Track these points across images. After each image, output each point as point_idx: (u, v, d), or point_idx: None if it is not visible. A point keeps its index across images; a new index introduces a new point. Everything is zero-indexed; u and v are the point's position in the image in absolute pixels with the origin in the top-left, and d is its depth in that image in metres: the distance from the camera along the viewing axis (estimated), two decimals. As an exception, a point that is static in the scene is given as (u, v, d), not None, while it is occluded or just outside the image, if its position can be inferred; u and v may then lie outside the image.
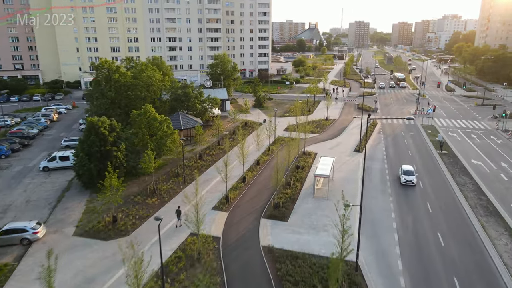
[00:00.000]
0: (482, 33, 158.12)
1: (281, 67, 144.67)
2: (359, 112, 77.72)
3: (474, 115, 75.11)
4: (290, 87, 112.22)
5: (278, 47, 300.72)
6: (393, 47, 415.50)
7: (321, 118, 71.76)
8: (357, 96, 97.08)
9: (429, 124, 66.66)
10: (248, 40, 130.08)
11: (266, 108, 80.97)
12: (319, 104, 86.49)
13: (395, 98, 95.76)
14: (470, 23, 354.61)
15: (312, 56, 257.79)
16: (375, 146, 54.31)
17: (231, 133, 60.37)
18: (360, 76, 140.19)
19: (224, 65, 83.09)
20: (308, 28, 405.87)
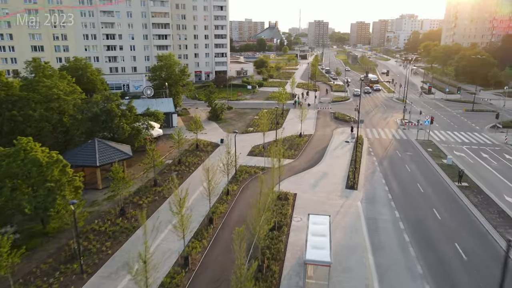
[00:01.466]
0: (449, 31, 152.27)
1: (241, 68, 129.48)
2: (337, 123, 64.27)
3: (469, 124, 63.98)
4: (252, 91, 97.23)
5: (238, 47, 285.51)
6: (352, 47, 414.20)
7: (294, 133, 57.28)
8: (330, 102, 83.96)
9: (425, 139, 54.20)
10: (203, 38, 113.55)
11: (224, 121, 65.26)
12: (288, 113, 72.14)
13: (373, 104, 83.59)
14: (426, 23, 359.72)
15: (274, 56, 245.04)
16: (370, 177, 40.41)
17: (175, 162, 44.06)
18: (328, 78, 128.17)
19: (170, 68, 66.31)
20: (268, 27, 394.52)
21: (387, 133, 58.28)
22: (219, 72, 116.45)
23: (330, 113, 72.59)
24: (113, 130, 39.82)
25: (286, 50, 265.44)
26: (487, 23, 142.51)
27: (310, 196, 34.90)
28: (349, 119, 66.68)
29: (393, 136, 56.78)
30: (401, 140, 54.70)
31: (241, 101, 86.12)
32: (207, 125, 62.86)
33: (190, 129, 48.34)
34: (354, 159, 44.29)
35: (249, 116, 69.68)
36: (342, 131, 59.35)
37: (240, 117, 68.94)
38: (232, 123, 64.55)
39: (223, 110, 67.02)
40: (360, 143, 51.69)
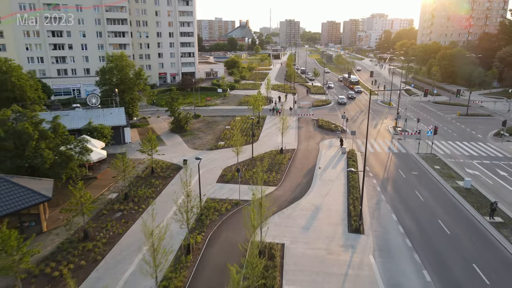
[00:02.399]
0: (426, 29, 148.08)
1: (211, 69, 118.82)
2: (323, 133, 55.27)
3: (469, 132, 56.72)
4: (223, 95, 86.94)
5: (208, 47, 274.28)
6: (324, 46, 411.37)
7: (273, 148, 47.68)
8: (310, 107, 75.09)
9: (428, 152, 46.05)
10: (167, 36, 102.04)
11: (190, 134, 54.72)
12: (264, 122, 62.55)
13: (357, 109, 75.44)
14: (396, 22, 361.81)
15: (246, 55, 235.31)
16: (376, 210, 31.36)
17: (121, 197, 33.19)
18: (304, 79, 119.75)
19: (122, 71, 54.95)
20: (239, 26, 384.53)
21: (382, 146, 49.79)
22: (186, 73, 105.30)
23: (313, 120, 63.61)
24: (28, 159, 28.61)
25: (258, 50, 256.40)
26: (464, 21, 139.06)
27: (303, 249, 25.31)
28: (335, 127, 57.87)
29: (389, 149, 48.32)
30: (399, 154, 46.28)
31: (211, 107, 75.69)
32: (168, 139, 52.14)
33: (143, 149, 37.52)
34: (350, 184, 35.24)
35: (220, 126, 59.46)
36: (329, 143, 50.38)
37: (209, 128, 58.60)
38: (199, 135, 54.17)
39: (188, 120, 56.43)
40: (354, 160, 42.77)
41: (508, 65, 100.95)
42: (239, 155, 40.80)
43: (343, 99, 79.86)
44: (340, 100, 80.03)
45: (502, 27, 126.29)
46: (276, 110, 66.20)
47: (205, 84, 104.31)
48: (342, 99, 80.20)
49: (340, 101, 79.31)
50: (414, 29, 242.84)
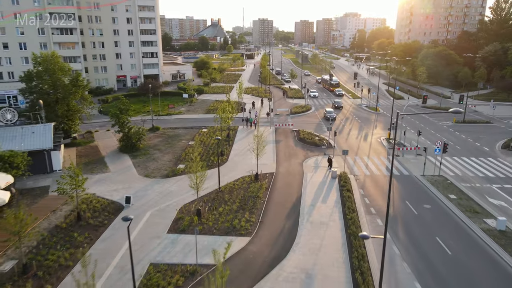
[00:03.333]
0: (404, 28, 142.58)
1: (178, 71, 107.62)
2: (305, 149, 46.00)
3: (472, 144, 49.04)
4: (189, 101, 76.26)
5: (178, 46, 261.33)
6: (298, 45, 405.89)
7: (246, 173, 37.95)
8: (289, 114, 65.89)
9: (435, 173, 37.62)
10: (125, 33, 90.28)
11: (143, 154, 43.99)
12: (236, 134, 52.71)
13: (341, 115, 66.85)
14: (369, 21, 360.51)
15: (217, 55, 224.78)
16: (392, 278, 22.16)
17: (16, 271, 22.36)
18: (280, 81, 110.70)
19: (53, 76, 43.41)
20: (210, 25, 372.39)
21: (378, 165, 41.04)
22: (149, 76, 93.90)
23: (293, 132, 54.35)
24: None
25: (231, 49, 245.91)
26: (442, 19, 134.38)
27: None
28: (319, 141, 48.75)
29: (386, 168, 39.62)
30: (401, 177, 37.60)
31: (174, 116, 65.01)
32: (114, 161, 41.32)
33: (62, 188, 26.69)
34: (350, 230, 26.02)
35: (182, 142, 49.07)
36: (315, 164, 41.17)
37: (169, 144, 48.07)
38: (155, 155, 43.59)
39: (142, 136, 45.64)
40: (348, 188, 33.66)
41: (491, 64, 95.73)
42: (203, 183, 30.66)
43: (332, 114, 60.11)
44: (329, 115, 59.64)
45: (482, 25, 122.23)
46: (250, 121, 56.29)
47: (170, 88, 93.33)
48: (331, 113, 60.87)
49: (329, 116, 58.46)
50: (388, 28, 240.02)
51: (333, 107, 70.42)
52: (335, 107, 70.72)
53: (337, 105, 71.75)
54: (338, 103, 72.39)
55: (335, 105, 71.76)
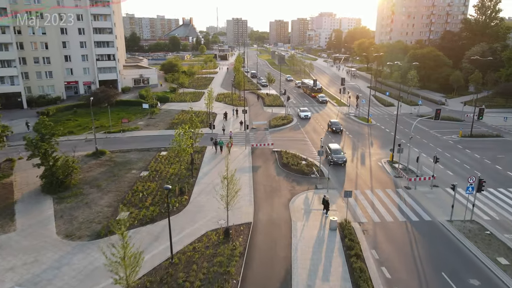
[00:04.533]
0: (386, 27, 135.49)
1: (141, 75, 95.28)
2: (290, 180, 35.86)
3: (492, 167, 40.32)
4: (150, 112, 64.55)
5: (147, 46, 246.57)
6: (273, 45, 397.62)
7: (212, 227, 27.27)
8: (266, 128, 55.68)
9: (466, 218, 28.24)
10: (75, 32, 77.51)
11: (73, 195, 32.32)
12: (203, 159, 41.89)
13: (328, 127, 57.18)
14: (345, 21, 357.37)
15: (189, 56, 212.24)
16: None
17: None
18: (256, 85, 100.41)
19: None
20: (182, 24, 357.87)
21: (387, 204, 31.33)
22: (105, 82, 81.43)
23: (273, 153, 44.11)
24: None
25: (203, 50, 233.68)
26: (425, 18, 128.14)
27: None
28: (307, 167, 38.66)
29: (400, 211, 29.94)
30: (423, 225, 27.99)
31: (128, 133, 53.33)
32: (29, 209, 29.63)
33: None
34: None
35: (132, 173, 37.75)
36: (305, 205, 31.05)
37: (113, 177, 36.63)
38: (89, 197, 32.11)
39: (72, 170, 33.91)
40: (357, 252, 23.67)
41: (478, 66, 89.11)
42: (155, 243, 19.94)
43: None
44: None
45: (466, 24, 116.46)
46: (221, 145, 44.91)
47: (130, 96, 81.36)
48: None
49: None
50: (365, 28, 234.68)
51: (331, 130, 54.32)
52: (333, 131, 53.66)
53: (335, 128, 53.33)
54: (337, 126, 53.70)
55: (333, 128, 53.47)
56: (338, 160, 39.69)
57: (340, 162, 39.67)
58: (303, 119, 61.86)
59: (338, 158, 39.87)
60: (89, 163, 40.31)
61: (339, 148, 41.98)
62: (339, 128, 53.45)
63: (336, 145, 42.78)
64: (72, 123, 57.74)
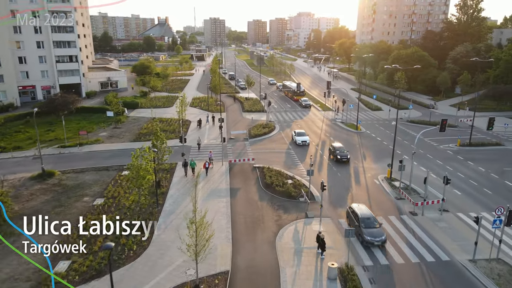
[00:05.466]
0: (367, 27, 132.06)
1: (108, 78, 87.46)
2: (275, 205, 30.06)
3: (503, 183, 35.77)
4: (115, 121, 57.40)
5: (120, 47, 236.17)
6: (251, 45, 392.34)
7: (177, 281, 21.05)
8: (246, 138, 49.73)
9: (490, 256, 23.19)
10: (31, 31, 69.32)
11: (5, 237, 25.48)
12: (171, 183, 35.46)
13: (313, 136, 51.76)
14: (323, 21, 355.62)
15: (165, 57, 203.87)
16: None
17: None
18: (234, 88, 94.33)
19: None
20: (157, 24, 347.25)
21: (394, 238, 25.92)
22: (67, 86, 73.52)
23: (254, 170, 38.24)
24: None
25: (179, 50, 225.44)
26: (406, 17, 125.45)
27: None
28: (295, 189, 32.90)
29: (410, 247, 24.62)
30: (439, 266, 22.70)
31: (87, 146, 46.20)
32: None
33: None
34: None
35: (84, 201, 30.96)
36: (295, 242, 25.33)
37: (60, 207, 29.76)
38: (21, 240, 25.21)
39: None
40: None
41: (463, 67, 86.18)
42: None
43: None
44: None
45: (448, 24, 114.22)
46: (193, 166, 36.87)
47: (95, 101, 73.84)
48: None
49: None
50: (344, 28, 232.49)
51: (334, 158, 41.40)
52: (337, 159, 40.61)
53: (341, 157, 40.41)
54: (343, 154, 40.67)
55: (338, 157, 40.53)
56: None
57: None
58: (300, 145, 46.36)
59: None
60: (32, 188, 33.26)
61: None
62: (345, 156, 40.53)
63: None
64: (21, 136, 50.07)
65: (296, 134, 48.56)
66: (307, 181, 33.51)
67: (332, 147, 42.70)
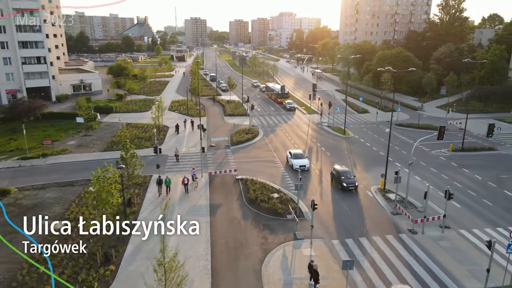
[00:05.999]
0: (350, 27, 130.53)
1: (81, 80, 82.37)
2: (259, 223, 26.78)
3: (503, 194, 33.54)
4: (86, 128, 53.03)
5: (97, 47, 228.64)
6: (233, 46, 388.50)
7: (148, 328, 17.60)
8: (228, 144, 46.44)
9: (506, 285, 20.61)
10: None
11: None
12: (144, 199, 31.72)
13: (301, 144, 48.86)
14: (305, 21, 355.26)
15: (144, 57, 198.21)
16: None
17: None
18: (215, 90, 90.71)
19: None
20: (136, 23, 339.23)
21: (394, 263, 23.03)
22: (36, 89, 68.49)
23: (237, 182, 34.94)
24: None
25: (159, 51, 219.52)
26: (389, 17, 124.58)
27: None
28: (282, 205, 29.75)
29: (413, 275, 21.76)
30: (449, 298, 20.02)
31: (52, 157, 41.86)
32: None
33: None
34: None
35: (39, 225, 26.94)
36: (283, 271, 22.17)
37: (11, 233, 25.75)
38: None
39: None
40: None
41: (447, 67, 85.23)
42: None
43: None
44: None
45: (431, 25, 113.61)
46: (167, 183, 32.21)
47: (66, 106, 69.06)
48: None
49: None
50: (327, 28, 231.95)
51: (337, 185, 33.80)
52: (343, 187, 32.89)
53: (347, 184, 32.65)
54: (350, 180, 33.00)
55: (344, 184, 32.79)
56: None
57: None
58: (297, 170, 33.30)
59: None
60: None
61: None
62: (352, 183, 32.71)
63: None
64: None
65: (292, 156, 38.92)
66: (295, 194, 30.45)
67: (336, 171, 34.27)
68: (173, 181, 33.63)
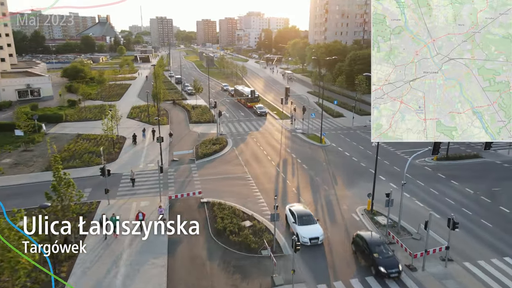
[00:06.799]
0: (320, 27, 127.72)
1: (28, 85, 73.77)
2: (227, 266, 21.42)
3: (500, 211, 30.27)
4: (27, 142, 45.82)
5: (54, 47, 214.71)
6: (201, 46, 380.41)
7: None
8: (193, 158, 41.05)
9: None
10: None
11: None
12: (91, 228, 25.69)
13: (274, 154, 44.20)
14: (273, 21, 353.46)
15: (106, 58, 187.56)
16: None
17: None
18: (181, 94, 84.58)
19: None
20: (98, 22, 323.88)
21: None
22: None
23: (202, 207, 29.68)
24: None
25: (122, 51, 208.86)
26: (358, 17, 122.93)
27: None
28: (255, 238, 24.84)
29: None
30: None
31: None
32: None
33: None
34: None
35: None
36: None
37: None
38: None
39: None
40: None
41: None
42: None
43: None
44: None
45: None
46: (114, 221, 23.90)
47: (8, 115, 60.90)
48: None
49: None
50: (295, 28, 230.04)
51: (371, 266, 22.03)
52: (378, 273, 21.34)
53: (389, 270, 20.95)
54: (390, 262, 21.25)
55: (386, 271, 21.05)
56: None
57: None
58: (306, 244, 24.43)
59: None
60: None
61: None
62: (395, 265, 21.25)
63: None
64: None
65: (297, 220, 25.47)
66: (272, 222, 25.59)
67: (362, 239, 23.02)
68: (124, 215, 27.85)
